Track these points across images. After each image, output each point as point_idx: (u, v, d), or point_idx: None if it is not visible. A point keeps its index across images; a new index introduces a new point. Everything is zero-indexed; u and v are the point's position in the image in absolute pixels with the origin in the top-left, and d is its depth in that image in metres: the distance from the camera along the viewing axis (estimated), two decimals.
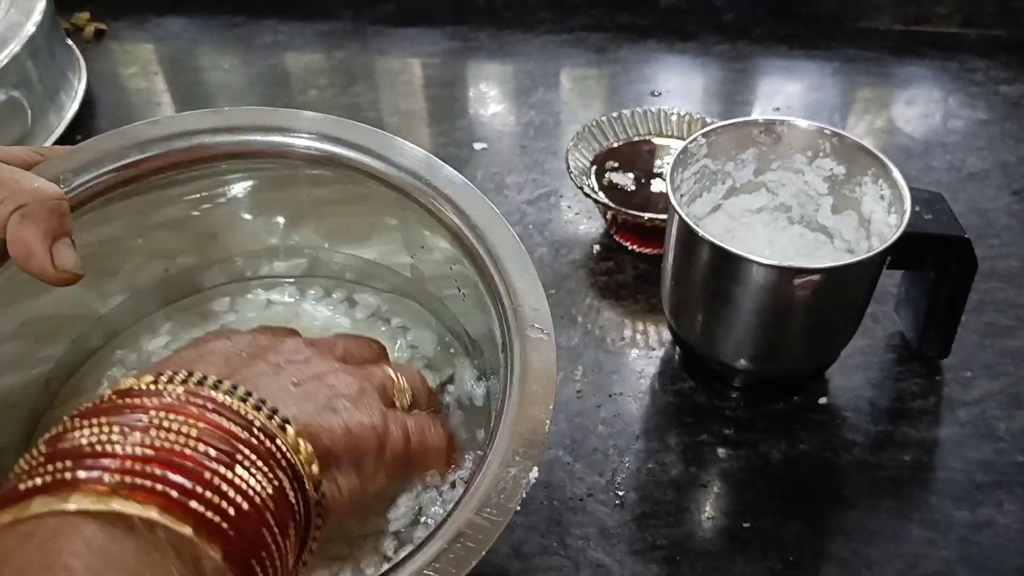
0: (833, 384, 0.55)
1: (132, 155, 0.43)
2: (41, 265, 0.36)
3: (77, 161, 0.42)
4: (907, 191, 0.47)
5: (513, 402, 0.37)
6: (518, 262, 0.42)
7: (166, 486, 0.26)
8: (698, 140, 0.50)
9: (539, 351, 0.38)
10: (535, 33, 0.85)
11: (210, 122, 0.45)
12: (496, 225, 0.43)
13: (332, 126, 0.46)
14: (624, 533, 0.48)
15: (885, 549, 0.47)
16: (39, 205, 0.36)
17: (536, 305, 0.40)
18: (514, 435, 0.36)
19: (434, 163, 0.45)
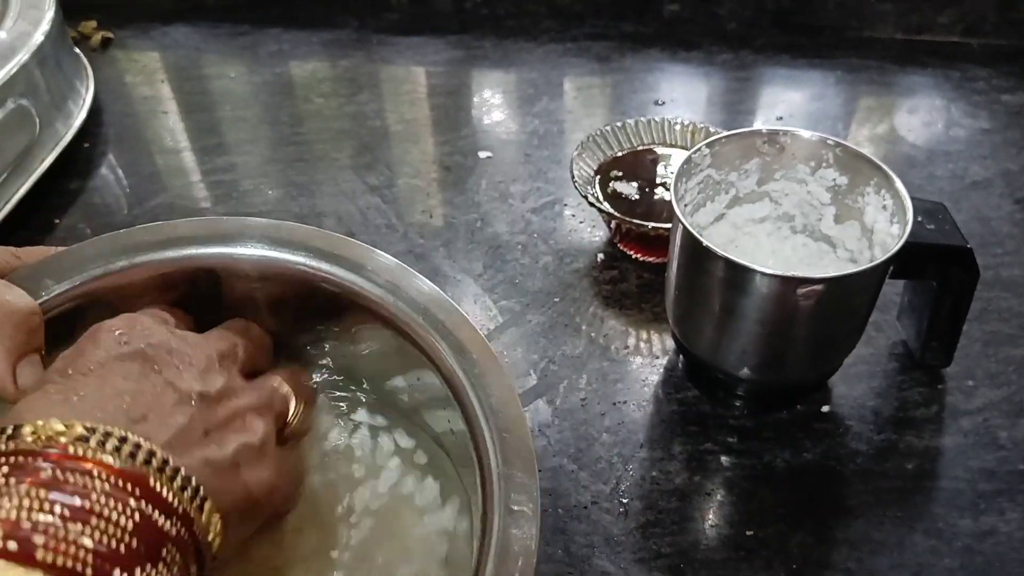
0: (836, 393, 0.55)
1: (119, 262, 0.41)
2: (2, 384, 0.35)
3: (60, 266, 0.40)
4: (909, 201, 0.47)
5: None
6: (513, 416, 0.38)
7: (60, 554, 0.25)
8: (702, 150, 0.51)
9: (521, 528, 0.35)
10: (538, 42, 0.86)
11: (200, 230, 0.43)
12: (494, 374, 0.39)
13: (328, 243, 0.43)
14: (629, 541, 0.48)
15: (889, 558, 0.47)
16: (6, 319, 0.35)
17: (526, 472, 0.36)
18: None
19: (438, 298, 0.42)
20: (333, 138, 0.76)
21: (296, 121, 0.79)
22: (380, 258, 0.43)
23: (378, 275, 0.42)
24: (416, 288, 0.42)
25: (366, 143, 0.75)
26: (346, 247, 0.43)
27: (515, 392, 0.39)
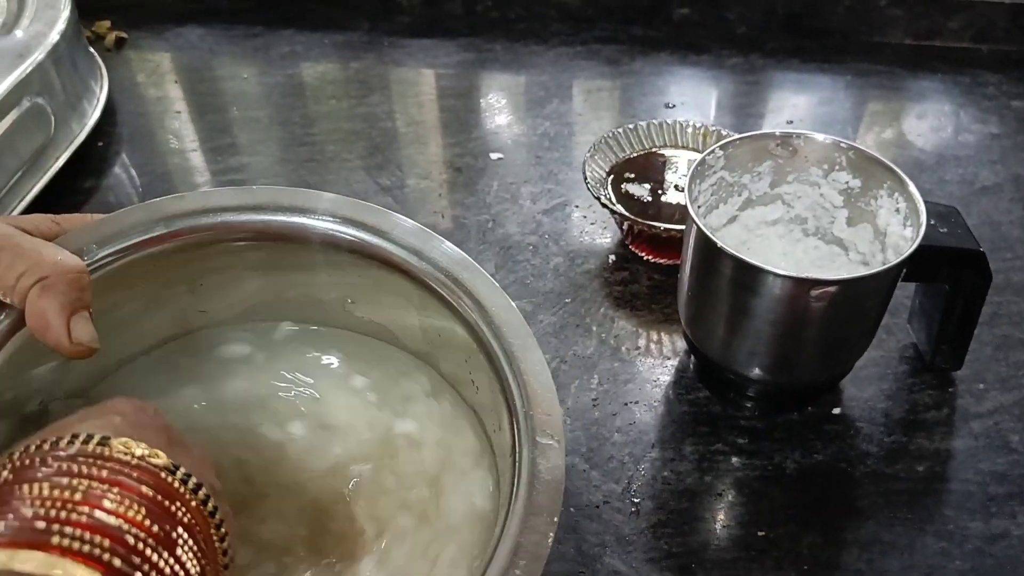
0: (847, 395, 0.55)
1: (157, 229, 0.43)
2: (57, 338, 0.36)
3: (102, 233, 0.42)
4: (923, 204, 0.47)
5: (517, 511, 0.36)
6: (533, 363, 0.40)
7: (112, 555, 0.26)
8: (715, 152, 0.51)
9: (548, 459, 0.37)
10: (549, 45, 0.86)
11: (236, 200, 0.45)
12: (514, 322, 0.42)
13: (355, 210, 0.45)
14: (640, 540, 0.48)
15: (900, 560, 0.48)
16: (60, 278, 0.36)
17: (549, 411, 0.39)
18: (516, 545, 0.35)
19: (456, 255, 0.44)
20: (344, 139, 0.76)
21: (307, 122, 0.79)
22: (403, 222, 0.45)
23: (403, 238, 0.45)
24: (439, 249, 0.44)
25: (377, 144, 0.76)
26: (371, 213, 0.45)
27: (534, 340, 0.41)
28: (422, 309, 0.45)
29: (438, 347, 0.48)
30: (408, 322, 0.48)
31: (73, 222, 0.41)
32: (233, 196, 0.45)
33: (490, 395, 0.42)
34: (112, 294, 0.41)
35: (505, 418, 0.39)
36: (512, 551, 0.34)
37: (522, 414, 0.38)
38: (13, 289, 0.36)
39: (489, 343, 0.41)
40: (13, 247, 0.36)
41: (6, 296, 0.37)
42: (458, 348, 0.44)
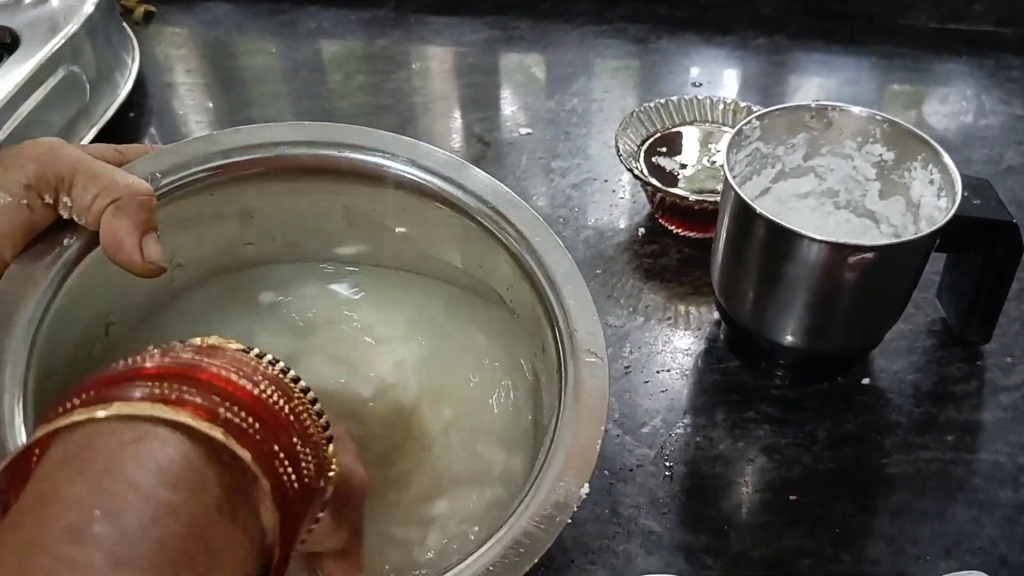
0: (876, 367, 0.56)
1: (216, 160, 0.45)
2: (130, 256, 0.38)
3: (164, 162, 0.44)
4: (958, 175, 0.48)
5: (566, 421, 0.38)
6: (575, 287, 0.43)
7: (265, 435, 0.27)
8: (752, 123, 0.52)
9: (593, 374, 0.40)
10: (574, 24, 0.87)
11: (290, 135, 0.47)
12: (554, 250, 0.44)
13: (400, 145, 0.47)
14: (674, 504, 0.49)
15: (931, 527, 0.48)
16: (131, 199, 0.38)
17: (591, 330, 0.41)
18: (567, 453, 0.37)
19: (499, 188, 0.46)
20: (372, 113, 0.77)
21: (335, 97, 0.80)
22: (441, 154, 0.47)
23: (444, 170, 0.47)
24: (480, 181, 0.46)
25: (406, 118, 0.76)
26: (414, 148, 0.47)
27: (575, 266, 0.44)
28: (465, 240, 0.47)
29: (480, 278, 0.49)
30: (450, 254, 0.50)
31: (135, 151, 0.43)
32: (287, 131, 0.47)
33: (532, 320, 0.44)
34: (170, 222, 0.43)
35: (549, 339, 0.42)
36: (565, 456, 0.37)
37: (566, 334, 0.41)
38: (88, 210, 0.38)
39: (532, 270, 0.43)
40: (87, 170, 0.37)
41: (80, 217, 0.38)
42: (501, 277, 0.46)
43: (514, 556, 0.34)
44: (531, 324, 0.45)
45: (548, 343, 0.42)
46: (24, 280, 0.38)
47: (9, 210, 0.37)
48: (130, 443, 0.25)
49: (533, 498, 0.36)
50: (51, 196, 0.38)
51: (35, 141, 0.39)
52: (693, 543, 0.47)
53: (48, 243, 0.39)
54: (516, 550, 0.34)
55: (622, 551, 0.47)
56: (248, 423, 0.27)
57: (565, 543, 0.47)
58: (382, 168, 0.47)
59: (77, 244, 0.40)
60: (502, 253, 0.45)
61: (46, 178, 0.37)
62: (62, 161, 0.37)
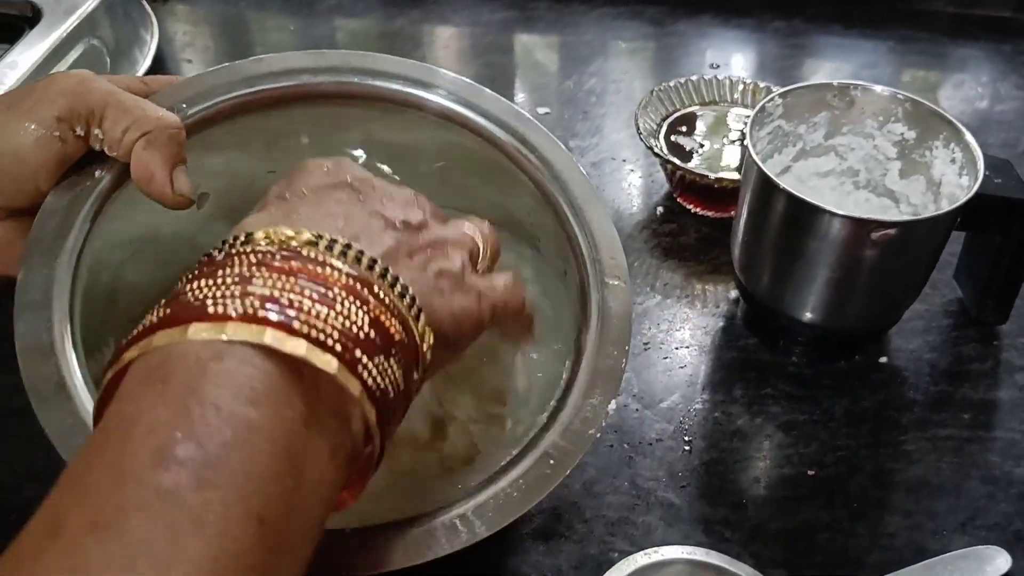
0: (893, 346, 0.56)
1: (239, 89, 0.45)
2: (161, 188, 0.39)
3: (189, 93, 0.44)
4: (980, 153, 0.48)
5: (592, 342, 0.40)
6: (597, 214, 0.44)
7: (350, 340, 0.27)
8: (775, 100, 0.52)
9: (617, 297, 0.41)
10: (592, 4, 0.87)
11: (312, 62, 0.47)
12: (576, 177, 0.45)
13: (420, 71, 0.48)
14: (692, 477, 0.49)
15: (946, 502, 0.49)
16: (162, 132, 0.38)
17: (613, 255, 0.43)
18: (594, 371, 0.39)
19: (521, 115, 0.47)
20: None
21: None
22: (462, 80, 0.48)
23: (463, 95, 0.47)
24: (502, 108, 0.47)
25: None
26: (432, 73, 0.47)
27: (596, 193, 0.45)
28: (487, 166, 0.47)
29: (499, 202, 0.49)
30: (472, 181, 0.50)
31: (160, 83, 0.43)
32: (309, 59, 0.47)
33: (555, 247, 0.45)
34: (195, 151, 0.43)
35: (572, 265, 0.43)
36: (592, 376, 0.39)
37: (589, 259, 0.42)
38: (119, 142, 0.38)
39: (555, 197, 0.44)
40: (117, 103, 0.38)
41: (111, 149, 0.39)
42: (522, 204, 0.47)
43: (545, 468, 0.36)
44: (552, 250, 0.46)
45: (571, 268, 0.43)
46: (63, 212, 0.39)
47: (43, 142, 0.37)
48: (209, 362, 0.25)
49: (562, 415, 0.37)
50: (82, 128, 0.38)
51: (65, 74, 0.39)
52: (711, 516, 0.48)
53: (82, 175, 0.40)
54: (546, 463, 0.36)
55: (641, 523, 0.47)
56: (328, 332, 0.27)
57: (585, 514, 0.48)
58: (404, 94, 0.47)
59: (109, 176, 0.40)
60: (524, 180, 0.46)
61: (77, 111, 0.37)
62: (93, 94, 0.38)
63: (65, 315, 0.37)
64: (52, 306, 0.36)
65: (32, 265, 0.37)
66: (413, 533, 0.34)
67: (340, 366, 0.27)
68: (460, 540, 0.34)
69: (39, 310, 0.36)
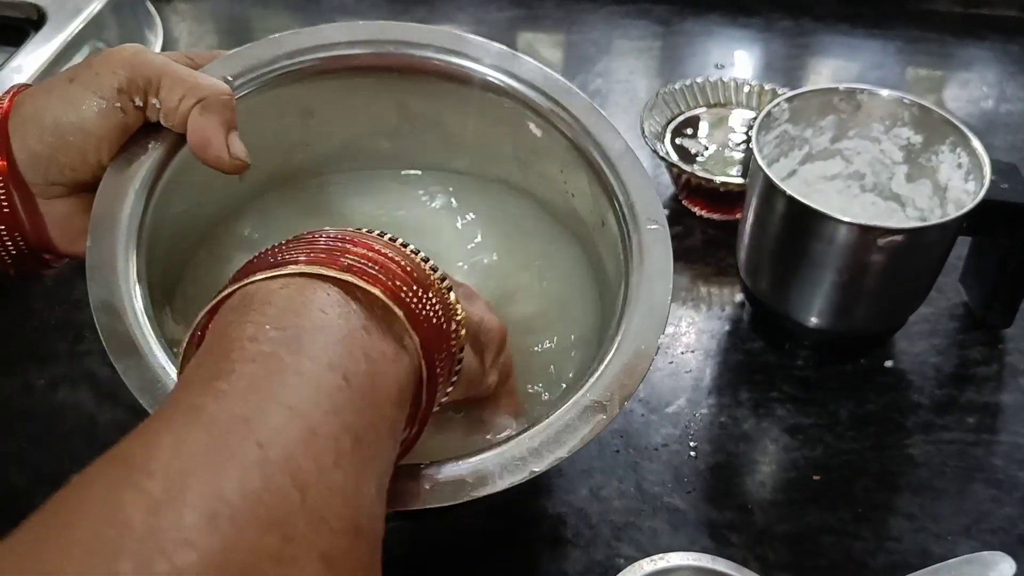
0: (898, 349, 0.56)
1: (281, 61, 0.46)
2: (218, 153, 0.40)
3: (235, 66, 0.45)
4: (987, 158, 0.48)
5: (636, 282, 0.42)
6: (630, 163, 0.46)
7: (389, 278, 0.32)
8: (781, 104, 0.52)
9: (656, 239, 0.43)
10: (599, 3, 0.87)
11: (347, 35, 0.48)
12: (607, 130, 0.47)
13: (451, 39, 0.49)
14: (698, 481, 0.50)
15: (951, 505, 0.49)
16: (216, 99, 0.39)
17: (649, 200, 0.44)
18: (643, 309, 0.41)
19: (549, 75, 0.48)
20: None
21: None
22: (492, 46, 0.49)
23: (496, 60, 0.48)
24: (531, 69, 0.48)
25: None
26: (464, 42, 0.49)
27: (625, 142, 0.46)
28: (519, 129, 0.48)
29: (532, 164, 0.51)
30: (505, 144, 0.51)
31: (204, 58, 0.44)
32: (345, 32, 0.48)
33: (590, 198, 0.47)
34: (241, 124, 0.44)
35: (610, 214, 0.45)
36: (641, 313, 0.40)
37: (626, 206, 0.44)
38: (175, 111, 0.39)
39: (588, 151, 0.46)
40: (172, 73, 0.39)
41: (167, 118, 0.40)
42: (556, 159, 0.48)
43: (605, 399, 0.38)
44: (589, 204, 0.47)
45: (608, 218, 0.45)
46: (123, 182, 0.40)
47: (106, 113, 0.39)
48: (279, 289, 0.30)
49: (618, 349, 0.39)
50: (141, 99, 0.39)
51: (120, 47, 0.40)
52: (717, 520, 0.48)
53: (138, 147, 0.41)
54: (605, 395, 0.38)
55: (647, 527, 0.48)
56: (374, 271, 0.32)
57: (591, 519, 0.48)
58: (434, 61, 0.48)
59: (162, 147, 0.41)
60: (557, 137, 0.47)
61: (136, 82, 0.39)
62: (149, 64, 0.39)
63: (132, 279, 0.39)
64: (118, 270, 0.38)
65: (98, 234, 0.39)
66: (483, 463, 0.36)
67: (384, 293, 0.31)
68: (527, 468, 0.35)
69: (108, 275, 0.38)
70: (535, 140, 0.49)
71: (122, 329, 0.36)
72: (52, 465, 0.48)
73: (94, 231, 0.39)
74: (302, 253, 0.32)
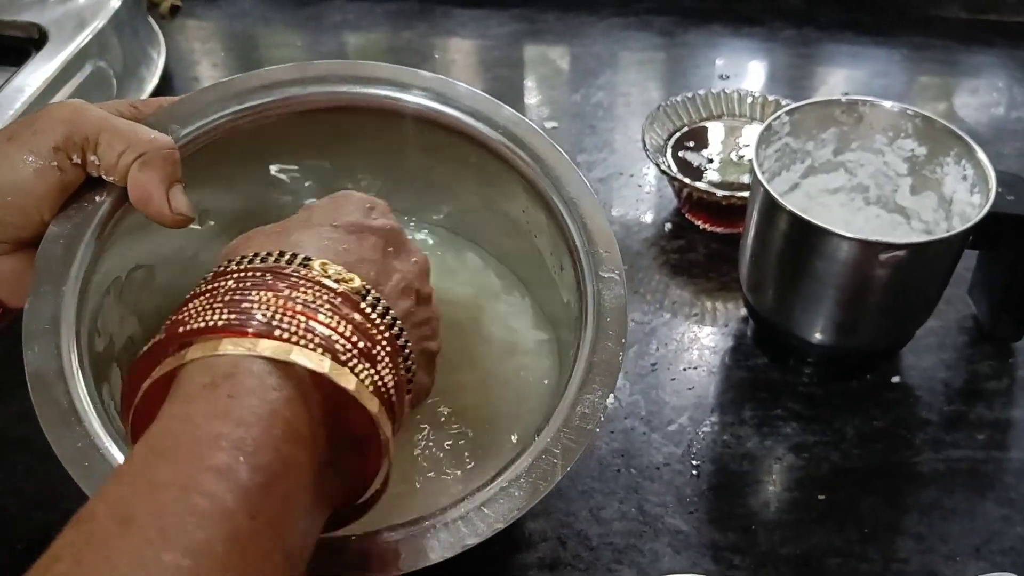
0: (905, 364, 0.55)
1: (231, 105, 0.45)
2: (159, 208, 0.39)
3: (179, 113, 0.44)
4: (992, 171, 0.47)
5: (588, 337, 0.40)
6: (590, 208, 0.44)
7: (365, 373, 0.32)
8: (782, 118, 0.51)
9: (611, 290, 0.42)
10: (600, 16, 0.86)
11: (298, 74, 0.47)
12: (568, 172, 0.45)
13: (412, 76, 0.48)
14: (701, 502, 0.49)
15: (960, 524, 0.48)
16: (156, 153, 0.39)
17: (607, 248, 0.43)
18: (591, 365, 0.39)
19: (508, 114, 0.47)
20: None
21: None
22: (458, 86, 0.48)
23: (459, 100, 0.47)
24: (497, 113, 0.47)
25: None
26: (426, 79, 0.47)
27: (589, 187, 0.45)
28: (480, 167, 0.47)
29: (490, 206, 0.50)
30: (467, 184, 0.50)
31: (150, 106, 0.44)
32: (295, 71, 0.47)
33: (550, 241, 0.46)
34: (193, 172, 0.43)
35: (567, 259, 0.44)
36: (587, 369, 0.39)
37: (584, 253, 0.43)
38: (115, 167, 0.39)
39: (547, 193, 0.45)
40: (111, 128, 0.39)
41: (108, 174, 0.39)
42: (516, 202, 0.47)
43: (548, 465, 0.36)
44: (549, 245, 0.46)
45: (566, 262, 0.44)
46: (67, 240, 0.39)
47: (43, 172, 0.38)
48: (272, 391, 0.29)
49: (561, 411, 0.38)
50: (79, 156, 0.39)
51: (59, 104, 0.40)
52: (720, 541, 0.47)
53: (82, 202, 0.40)
54: (549, 459, 0.36)
55: (648, 550, 0.47)
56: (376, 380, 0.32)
57: (591, 541, 0.47)
58: (396, 101, 0.47)
59: (109, 200, 0.41)
60: (517, 179, 0.46)
61: (73, 139, 0.38)
62: (88, 121, 0.38)
63: (73, 342, 0.37)
64: (60, 332, 0.37)
65: (39, 292, 0.38)
66: (414, 536, 0.34)
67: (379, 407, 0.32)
68: (461, 542, 0.34)
69: (47, 336, 0.37)
70: (495, 179, 0.48)
71: (59, 397, 0.36)
72: (48, 492, 0.48)
73: (34, 290, 0.38)
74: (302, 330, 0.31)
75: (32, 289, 0.38)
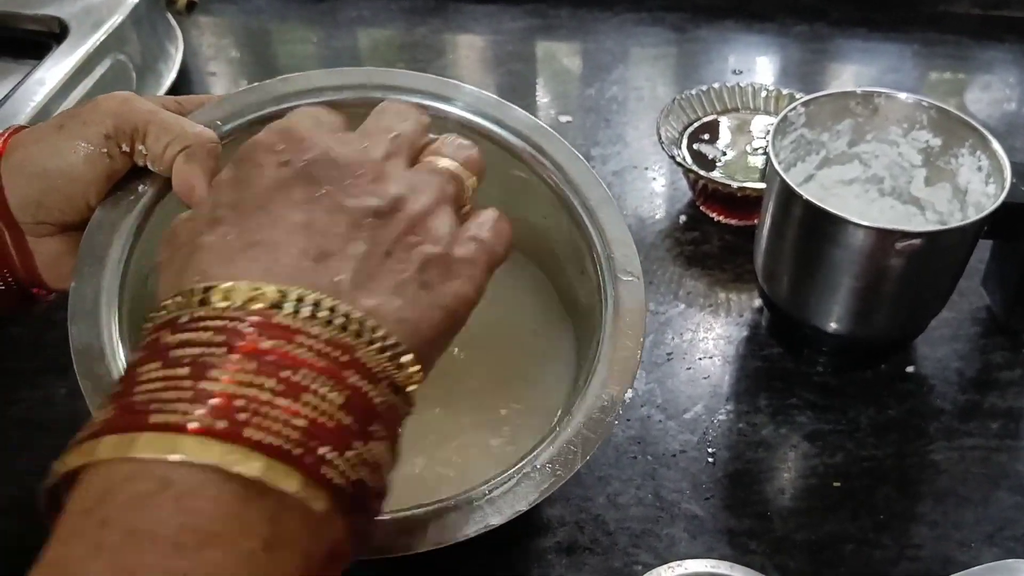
0: (919, 354, 0.56)
1: (269, 107, 0.46)
2: (202, 198, 0.39)
3: (222, 111, 0.45)
4: (1007, 161, 0.48)
5: (608, 335, 0.42)
6: (609, 214, 0.46)
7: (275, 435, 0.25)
8: (797, 109, 0.52)
9: (630, 292, 0.43)
10: (614, 12, 0.87)
11: (336, 80, 0.48)
12: (589, 180, 0.47)
13: (439, 85, 0.48)
14: (717, 488, 0.49)
15: (974, 512, 0.48)
16: (200, 147, 0.40)
17: (626, 252, 0.45)
18: (611, 363, 0.41)
19: (536, 124, 0.48)
20: None
21: None
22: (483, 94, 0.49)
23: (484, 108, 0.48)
24: (518, 119, 0.48)
25: None
26: (454, 87, 0.48)
27: (608, 193, 0.46)
28: (504, 175, 0.48)
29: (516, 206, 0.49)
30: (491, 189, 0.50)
31: (193, 102, 0.45)
32: (333, 77, 0.48)
33: (570, 247, 0.47)
34: None
35: (588, 263, 0.45)
36: (609, 367, 0.41)
37: (604, 257, 0.44)
38: (161, 157, 0.40)
39: (570, 200, 0.46)
40: (159, 121, 0.40)
41: (154, 164, 0.40)
42: (539, 208, 0.48)
43: (568, 454, 0.38)
44: (569, 249, 0.48)
45: (587, 267, 0.45)
46: (110, 224, 0.41)
47: (92, 159, 0.39)
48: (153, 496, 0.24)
49: (582, 404, 0.40)
50: (128, 145, 0.40)
51: (110, 95, 0.41)
52: (736, 527, 0.48)
53: (127, 190, 0.42)
54: (569, 448, 0.38)
55: (665, 535, 0.47)
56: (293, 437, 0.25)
57: (609, 526, 0.48)
58: (423, 107, 0.47)
59: (152, 189, 0.42)
60: (541, 185, 0.47)
61: (123, 129, 0.39)
62: (137, 113, 0.40)
63: (115, 321, 0.39)
64: (101, 311, 0.39)
65: (83, 274, 0.40)
66: (439, 514, 0.36)
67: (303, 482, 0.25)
68: (485, 520, 0.36)
69: (91, 315, 0.39)
70: (518, 185, 0.48)
71: (101, 372, 0.37)
72: None
73: (78, 272, 0.40)
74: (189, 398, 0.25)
75: (76, 271, 0.40)
